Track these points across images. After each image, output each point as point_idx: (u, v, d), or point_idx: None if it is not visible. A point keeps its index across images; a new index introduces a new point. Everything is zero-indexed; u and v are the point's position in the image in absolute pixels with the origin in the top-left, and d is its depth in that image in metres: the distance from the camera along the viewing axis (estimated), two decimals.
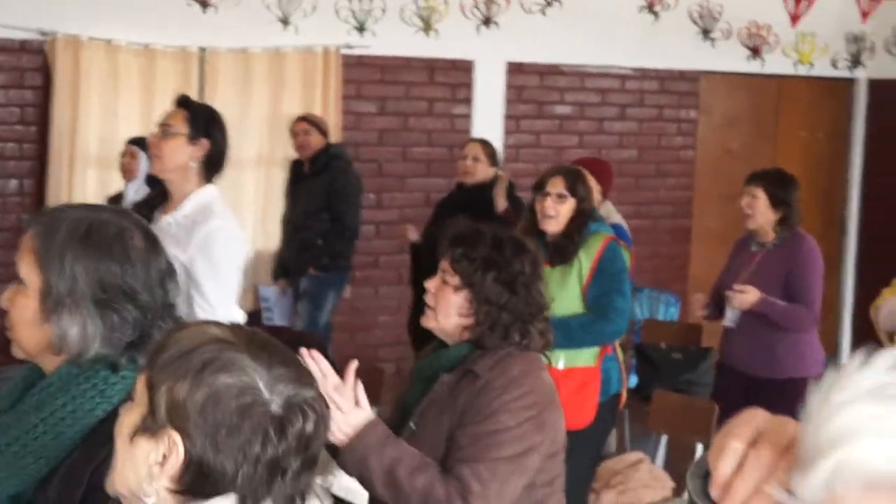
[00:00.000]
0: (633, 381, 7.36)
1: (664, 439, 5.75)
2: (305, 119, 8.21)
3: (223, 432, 1.76)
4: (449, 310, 3.37)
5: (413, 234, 7.76)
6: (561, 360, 5.14)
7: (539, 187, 5.38)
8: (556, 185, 5.32)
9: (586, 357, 5.25)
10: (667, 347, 7.62)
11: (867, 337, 3.60)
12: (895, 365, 0.85)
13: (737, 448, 0.97)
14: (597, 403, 5.24)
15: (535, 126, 9.64)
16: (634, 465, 5.60)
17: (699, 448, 5.50)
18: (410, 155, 9.23)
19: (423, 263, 7.05)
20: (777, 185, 5.81)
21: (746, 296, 5.60)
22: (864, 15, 10.43)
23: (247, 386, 1.78)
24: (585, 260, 5.27)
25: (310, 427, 1.81)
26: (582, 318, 5.22)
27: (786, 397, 4.82)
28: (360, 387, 3.24)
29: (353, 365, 3.24)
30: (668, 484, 5.53)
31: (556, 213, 5.28)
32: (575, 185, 5.32)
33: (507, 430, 3.19)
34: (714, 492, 1.00)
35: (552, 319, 4.98)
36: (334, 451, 3.22)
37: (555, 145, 9.63)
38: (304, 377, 1.85)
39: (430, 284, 3.43)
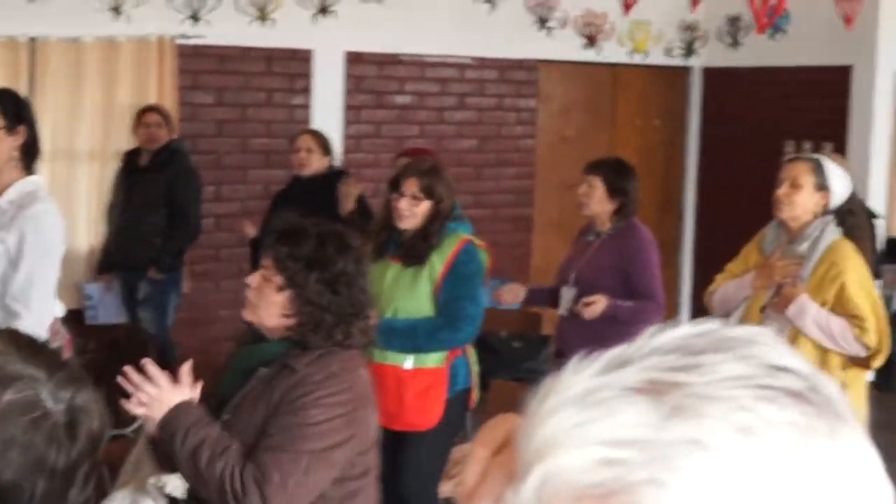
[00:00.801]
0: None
1: None
2: (157, 110, 8.04)
3: (15, 451, 1.68)
4: (271, 309, 3.34)
5: (251, 230, 7.66)
6: (409, 360, 5.08)
7: (394, 186, 5.16)
8: (411, 187, 5.08)
9: (435, 359, 5.14)
10: (507, 336, 7.66)
11: None
12: (603, 369, 0.82)
13: (481, 456, 0.94)
14: (444, 403, 5.17)
15: (376, 116, 9.60)
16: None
17: None
18: (249, 146, 9.12)
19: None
20: (615, 174, 5.81)
21: (595, 306, 5.51)
22: (695, 3, 10.62)
23: (32, 399, 1.69)
24: (438, 261, 5.09)
25: (96, 425, 1.75)
26: (429, 324, 5.06)
27: None
28: (188, 367, 3.25)
29: (188, 365, 3.25)
30: None
31: (412, 213, 5.08)
32: (431, 186, 5.09)
33: (316, 424, 3.19)
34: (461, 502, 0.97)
35: (399, 322, 4.98)
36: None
37: (395, 135, 9.60)
38: (78, 375, 1.78)
39: (252, 280, 3.40)
